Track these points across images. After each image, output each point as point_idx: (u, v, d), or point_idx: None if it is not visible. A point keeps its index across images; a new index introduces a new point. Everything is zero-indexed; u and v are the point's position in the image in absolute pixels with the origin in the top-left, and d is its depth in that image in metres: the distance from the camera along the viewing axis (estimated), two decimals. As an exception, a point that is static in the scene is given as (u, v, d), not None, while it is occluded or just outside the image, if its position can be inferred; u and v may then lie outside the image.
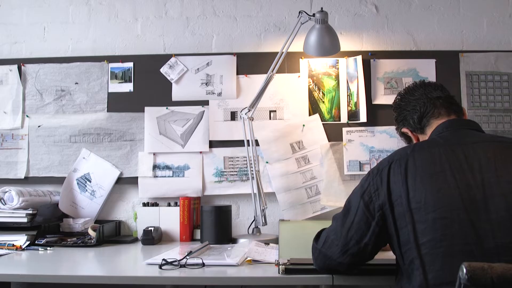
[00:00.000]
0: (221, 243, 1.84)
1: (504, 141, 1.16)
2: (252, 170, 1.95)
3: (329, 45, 1.92)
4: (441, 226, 1.03)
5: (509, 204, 1.02)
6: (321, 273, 1.26)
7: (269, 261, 1.44)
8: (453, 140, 1.16)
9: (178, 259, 1.44)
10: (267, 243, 1.75)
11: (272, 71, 1.92)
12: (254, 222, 1.96)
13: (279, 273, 1.29)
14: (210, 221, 1.89)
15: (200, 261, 1.43)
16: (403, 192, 1.09)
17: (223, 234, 1.90)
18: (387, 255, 1.26)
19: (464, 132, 1.20)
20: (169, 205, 2.05)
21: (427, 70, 2.09)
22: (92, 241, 1.86)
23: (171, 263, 1.42)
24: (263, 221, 1.94)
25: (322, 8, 1.88)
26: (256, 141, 2.06)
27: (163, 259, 1.43)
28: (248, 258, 1.48)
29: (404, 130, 1.38)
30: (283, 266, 1.30)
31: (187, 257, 1.47)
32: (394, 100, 1.43)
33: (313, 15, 1.88)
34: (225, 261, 1.47)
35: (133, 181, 2.10)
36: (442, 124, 1.25)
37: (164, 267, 1.40)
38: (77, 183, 2.11)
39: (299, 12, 1.89)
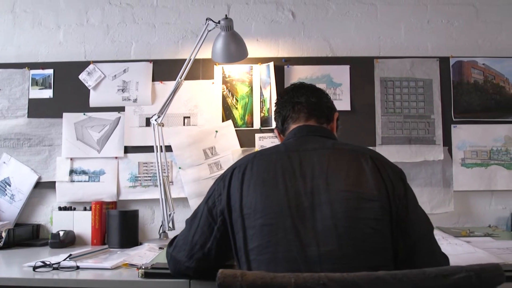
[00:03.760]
0: (126, 247, 1.87)
1: (342, 148, 1.14)
2: (161, 176, 1.97)
3: (235, 52, 1.93)
4: (268, 233, 1.04)
5: (334, 213, 1.01)
6: (176, 278, 1.28)
7: (143, 265, 1.46)
8: (293, 147, 1.15)
9: (52, 262, 1.47)
10: (161, 247, 1.77)
11: (180, 78, 1.94)
12: (162, 227, 1.98)
13: (138, 277, 1.31)
14: (115, 226, 1.91)
15: (74, 264, 1.46)
16: (237, 198, 1.10)
17: (129, 238, 1.92)
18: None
19: (308, 138, 1.19)
20: (85, 209, 2.07)
21: (341, 76, 2.09)
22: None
23: (47, 265, 1.46)
24: (171, 226, 1.96)
25: (226, 15, 1.89)
26: (170, 146, 2.08)
27: (41, 261, 1.47)
28: (125, 262, 1.50)
29: (275, 130, 1.36)
30: (143, 270, 1.32)
31: (68, 259, 1.51)
32: None
33: (219, 22, 1.90)
34: (99, 264, 1.49)
35: (52, 185, 2.13)
36: (292, 130, 1.24)
37: (38, 270, 1.43)
38: (-3, 187, 2.15)
39: (206, 20, 1.91)
